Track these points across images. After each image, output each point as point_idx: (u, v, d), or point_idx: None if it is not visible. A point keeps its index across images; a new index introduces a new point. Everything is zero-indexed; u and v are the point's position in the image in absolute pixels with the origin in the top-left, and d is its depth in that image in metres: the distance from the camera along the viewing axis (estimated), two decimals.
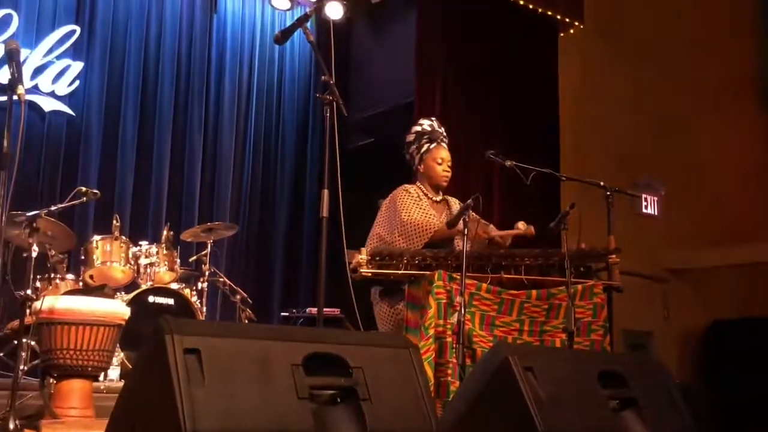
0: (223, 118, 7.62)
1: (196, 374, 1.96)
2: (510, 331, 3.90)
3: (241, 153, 7.71)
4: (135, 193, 7.04)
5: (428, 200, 4.31)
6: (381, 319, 4.13)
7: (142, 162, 7.12)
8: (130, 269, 5.58)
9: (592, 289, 4.01)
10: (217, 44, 7.69)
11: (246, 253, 7.59)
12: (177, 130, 7.35)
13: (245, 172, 7.72)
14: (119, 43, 7.13)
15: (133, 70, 7.16)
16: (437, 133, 4.36)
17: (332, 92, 3.45)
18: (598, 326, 3.98)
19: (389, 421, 2.21)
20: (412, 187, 4.32)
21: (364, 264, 3.85)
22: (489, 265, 3.97)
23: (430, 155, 4.32)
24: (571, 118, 8.12)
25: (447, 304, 3.75)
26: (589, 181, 4.43)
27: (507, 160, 4.35)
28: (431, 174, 4.33)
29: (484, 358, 2.82)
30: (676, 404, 2.96)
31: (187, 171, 7.35)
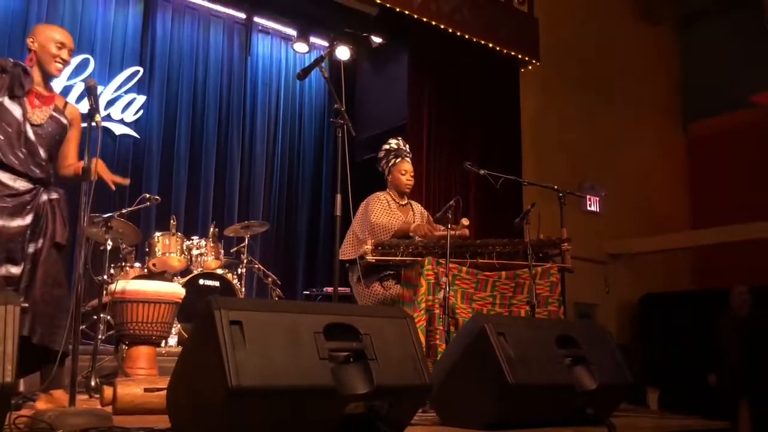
0: (256, 138, 7.60)
1: (239, 341, 1.96)
2: (485, 304, 3.90)
3: (270, 166, 7.69)
4: (188, 199, 7.01)
5: (395, 204, 4.29)
6: (359, 297, 4.12)
7: (193, 174, 7.10)
8: (184, 258, 5.56)
9: (549, 271, 4.02)
10: (251, 81, 7.65)
11: (275, 244, 7.57)
12: (220, 148, 7.33)
13: (274, 181, 7.69)
14: (174, 80, 7.11)
15: (185, 102, 7.14)
16: (401, 150, 4.32)
17: (343, 117, 3.44)
18: (554, 300, 3.99)
19: (391, 376, 2.21)
20: (382, 194, 4.29)
21: (370, 252, 3.85)
22: (468, 252, 3.99)
23: (396, 168, 4.28)
24: (531, 135, 8.11)
25: (435, 283, 3.76)
26: (545, 185, 4.42)
27: (481, 169, 4.36)
28: (397, 183, 4.29)
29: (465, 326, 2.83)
30: (618, 361, 2.97)
31: (228, 181, 7.33)
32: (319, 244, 7.91)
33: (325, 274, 7.63)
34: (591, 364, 2.77)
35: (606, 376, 2.79)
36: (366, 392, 2.11)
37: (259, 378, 1.92)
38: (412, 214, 4.34)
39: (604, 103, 9.13)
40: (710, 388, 6.03)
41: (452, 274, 3.78)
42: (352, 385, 2.11)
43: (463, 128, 7.38)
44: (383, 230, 4.02)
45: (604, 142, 9.08)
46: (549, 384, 2.61)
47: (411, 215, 4.32)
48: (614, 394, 2.90)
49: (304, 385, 2.00)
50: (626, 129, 9.44)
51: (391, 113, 7.66)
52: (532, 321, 3.29)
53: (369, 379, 2.14)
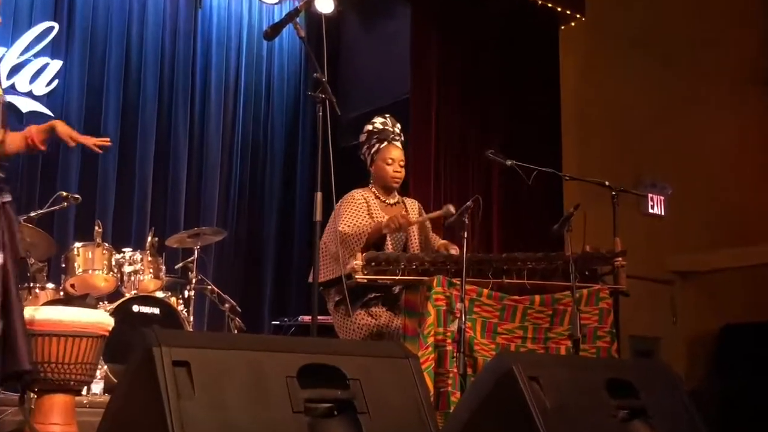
0: (209, 117, 7.60)
1: (186, 388, 1.95)
2: (513, 338, 3.91)
3: (228, 154, 7.70)
4: (117, 198, 7.02)
5: (380, 203, 4.30)
6: (341, 331, 4.13)
7: (124, 165, 7.10)
8: (113, 277, 5.55)
9: (598, 294, 4.03)
10: (203, 41, 7.67)
11: (234, 259, 7.58)
12: (161, 131, 7.33)
13: (233, 174, 7.70)
14: (100, 40, 7.11)
15: (114, 69, 7.14)
16: (387, 132, 4.32)
17: (325, 90, 3.45)
18: (604, 332, 4.00)
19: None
20: (359, 193, 4.29)
21: (360, 270, 3.85)
22: (490, 270, 3.99)
23: (379, 155, 4.30)
24: (573, 114, 8.12)
25: (446, 310, 3.76)
26: (593, 180, 4.44)
27: (507, 160, 4.37)
28: (381, 175, 4.31)
29: (487, 368, 2.82)
30: (688, 412, 2.96)
31: (172, 174, 7.33)
32: (292, 259, 7.91)
33: (301, 298, 7.63)
34: (653, 417, 2.78)
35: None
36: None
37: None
38: (406, 216, 4.34)
39: (669, 71, 9.15)
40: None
41: (470, 299, 3.79)
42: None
43: (483, 105, 7.40)
44: (355, 240, 3.97)
45: (669, 124, 9.10)
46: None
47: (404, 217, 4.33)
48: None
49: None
50: (699, 106, 9.45)
51: (389, 85, 7.68)
52: (576, 361, 3.29)
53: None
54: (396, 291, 4.13)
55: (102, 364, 5.08)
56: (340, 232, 4.03)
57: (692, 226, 9.14)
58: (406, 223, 4.00)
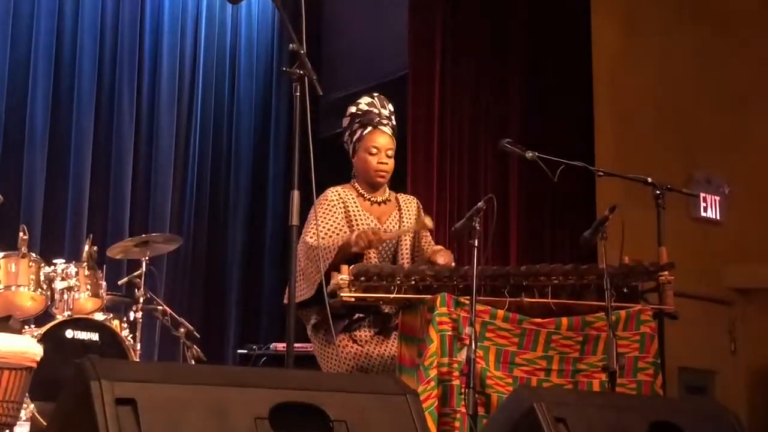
0: (160, 101, 7.61)
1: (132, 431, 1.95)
2: (535, 370, 3.92)
3: (183, 145, 7.70)
4: (47, 199, 7.02)
5: (364, 202, 4.32)
6: (322, 361, 4.18)
7: (56, 159, 7.10)
8: (41, 295, 5.55)
9: (639, 316, 4.03)
10: (152, 9, 7.69)
11: (192, 273, 7.58)
12: (101, 117, 7.33)
13: (189, 168, 7.71)
14: (25, 12, 7.10)
15: (43, 44, 7.14)
16: (373, 114, 4.33)
17: (303, 65, 3.45)
18: (647, 363, 4.00)
19: None
20: (334, 192, 4.31)
21: (346, 286, 3.85)
22: (507, 286, 3.99)
23: (362, 144, 4.31)
24: (609, 96, 8.13)
25: (453, 336, 3.76)
26: (633, 176, 4.45)
27: (527, 151, 4.38)
28: (363, 167, 4.32)
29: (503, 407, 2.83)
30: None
31: (115, 169, 7.33)
32: (262, 272, 7.91)
33: (274, 321, 7.63)
34: None
35: None
36: None
37: None
38: (398, 217, 4.38)
39: (729, 45, 9.17)
40: None
41: (482, 322, 3.79)
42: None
43: (498, 85, 7.41)
44: (322, 255, 3.95)
45: (729, 107, 9.11)
46: None
47: (395, 218, 4.37)
48: None
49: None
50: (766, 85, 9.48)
51: (382, 59, 7.70)
52: (612, 399, 3.30)
53: None
54: (386, 310, 4.13)
55: (28, 403, 5.08)
56: (305, 243, 4.06)
57: (756, 233, 9.15)
58: (377, 240, 4.00)
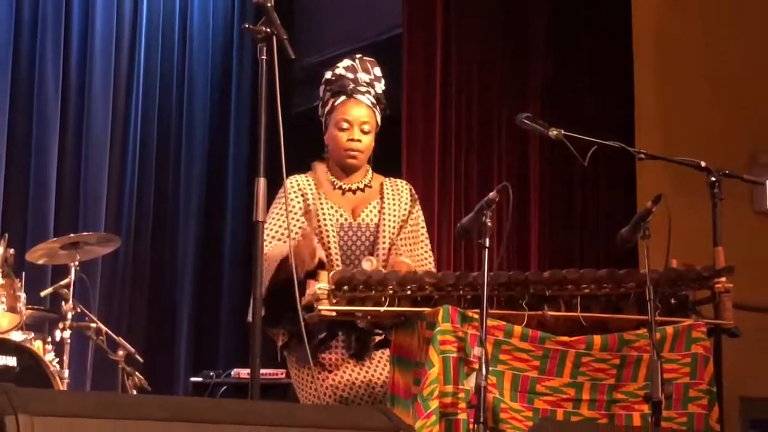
0: (93, 69, 7.63)
1: None
2: (561, 401, 3.94)
3: (122, 122, 7.72)
4: None
5: (334, 191, 4.36)
6: (298, 389, 4.24)
7: None
8: None
9: (690, 333, 4.04)
10: None
11: (133, 281, 7.60)
12: (19, 90, 7.35)
13: (129, 152, 7.72)
14: None
15: None
16: (347, 81, 4.36)
17: (270, 21, 3.45)
18: (699, 392, 4.02)
19: None
20: (295, 180, 4.31)
21: (326, 297, 3.86)
22: (526, 297, 4.01)
23: (332, 117, 4.36)
24: (652, 65, 8.17)
25: (459, 359, 3.78)
26: (682, 160, 4.47)
27: (551, 129, 4.40)
28: (332, 146, 4.38)
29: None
30: None
31: (36, 155, 7.34)
32: (221, 282, 7.93)
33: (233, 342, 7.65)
34: None
35: None
36: None
37: None
38: (378, 207, 4.41)
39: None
40: None
41: (495, 341, 3.81)
42: None
43: (517, 47, 7.44)
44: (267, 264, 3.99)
45: None
46: None
47: (373, 209, 4.40)
48: None
49: None
50: None
51: (370, 15, 7.72)
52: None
53: None
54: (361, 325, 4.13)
55: None
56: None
57: None
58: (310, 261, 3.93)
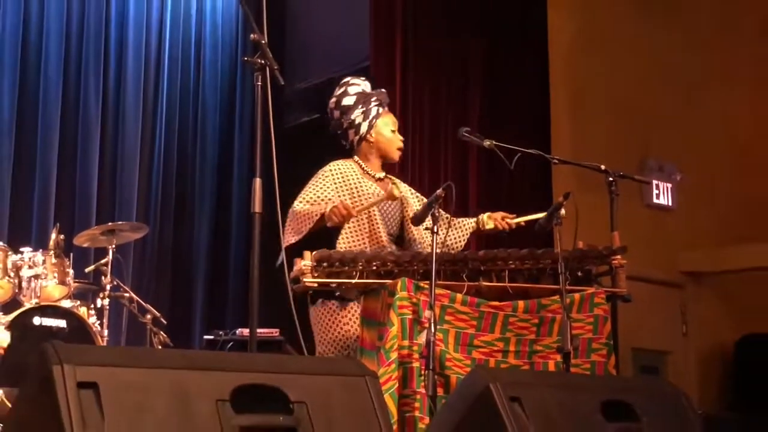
0: (126, 91, 7.54)
1: (94, 414, 1.94)
2: (492, 352, 3.92)
3: (149, 134, 7.64)
4: (15, 188, 6.94)
5: (369, 178, 4.38)
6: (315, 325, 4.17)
7: (23, 149, 7.03)
8: (9, 283, 5.50)
9: (593, 299, 4.05)
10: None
11: (158, 261, 7.54)
12: (67, 107, 7.26)
13: (155, 158, 7.65)
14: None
15: (10, 34, 7.05)
16: (384, 95, 4.47)
17: (264, 54, 3.44)
18: (600, 344, 4.02)
19: None
20: (336, 164, 4.36)
21: (309, 272, 3.85)
22: (465, 271, 4.01)
23: (383, 121, 4.40)
24: (564, 85, 8.16)
25: (413, 320, 3.76)
26: (587, 164, 4.47)
27: (485, 140, 4.39)
28: (386, 146, 4.41)
29: (460, 387, 2.83)
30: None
31: (81, 159, 7.27)
32: (229, 260, 7.89)
33: (238, 307, 7.61)
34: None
35: None
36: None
37: None
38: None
39: (681, 36, 9.23)
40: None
41: (441, 306, 3.79)
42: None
43: (459, 72, 7.42)
44: (301, 221, 4.06)
45: (681, 96, 9.18)
46: None
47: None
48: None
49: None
50: (717, 74, 9.53)
51: (344, 49, 7.68)
52: (565, 379, 3.32)
53: None
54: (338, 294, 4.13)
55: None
56: (293, 211, 4.12)
57: (707, 219, 9.23)
58: (348, 214, 4.02)
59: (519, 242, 4.34)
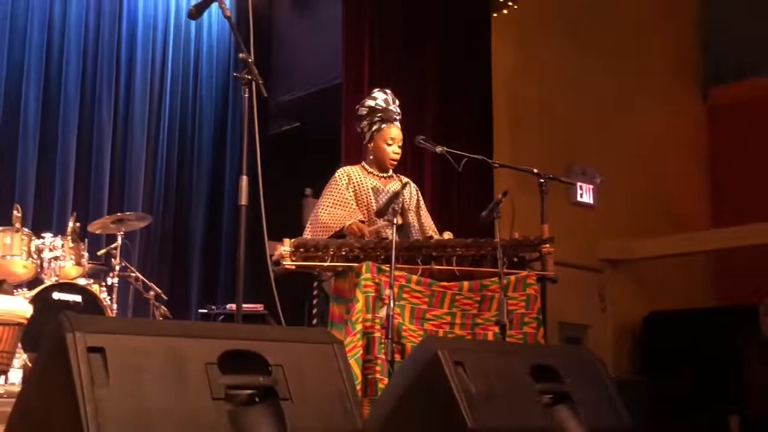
0: (134, 100, 7.46)
1: (101, 375, 1.91)
2: (441, 324, 3.93)
3: (154, 137, 7.56)
4: (38, 182, 6.85)
5: (374, 178, 4.35)
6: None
7: (44, 149, 6.93)
8: (32, 263, 5.43)
9: (525, 280, 4.06)
10: (128, 20, 7.52)
11: (160, 246, 7.47)
12: (84, 113, 7.17)
13: (159, 157, 7.58)
14: (19, 18, 6.90)
15: (35, 48, 6.95)
16: (390, 112, 4.37)
17: (251, 71, 3.41)
18: (531, 318, 4.04)
19: (311, 420, 2.20)
20: (347, 171, 4.35)
21: (288, 256, 3.83)
22: (419, 257, 4.01)
23: (380, 135, 4.34)
24: (505, 101, 8.18)
25: (375, 297, 3.76)
26: (522, 167, 4.48)
27: (438, 146, 4.38)
28: (379, 155, 4.37)
29: (413, 353, 2.83)
30: (612, 399, 3.02)
31: (95, 157, 7.18)
32: (221, 245, 7.84)
33: (228, 285, 7.56)
34: (576, 402, 2.82)
35: (596, 419, 2.83)
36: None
37: (128, 425, 1.88)
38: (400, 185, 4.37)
39: (600, 62, 9.28)
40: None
41: (399, 285, 3.79)
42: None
43: (416, 90, 7.41)
44: (323, 230, 4.09)
45: (600, 113, 9.24)
46: (520, 429, 2.64)
47: (398, 185, 4.35)
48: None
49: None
50: (629, 96, 9.62)
51: (321, 70, 7.65)
52: (502, 346, 3.32)
53: (280, 426, 2.12)
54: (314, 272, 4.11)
55: (20, 353, 4.98)
56: (317, 217, 4.16)
57: (621, 215, 9.31)
58: (362, 235, 4.03)
59: (466, 233, 4.34)
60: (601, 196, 9.25)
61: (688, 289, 9.71)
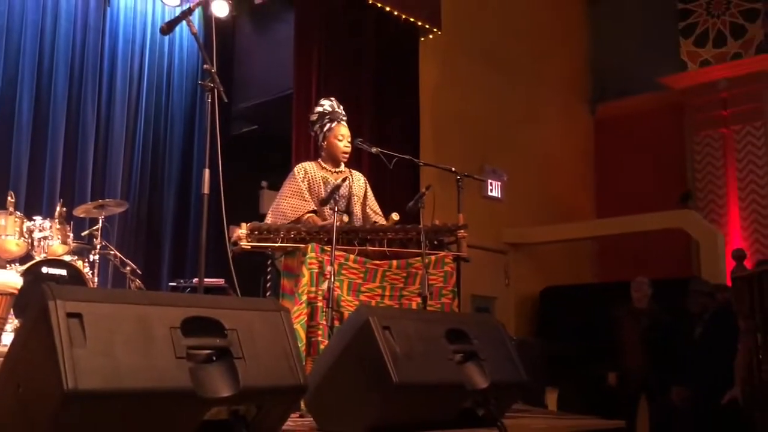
0: (115, 102, 7.27)
1: (78, 336, 1.88)
2: (373, 296, 3.92)
3: (131, 135, 7.39)
4: (30, 172, 6.63)
5: (328, 173, 4.31)
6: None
7: (36, 143, 6.71)
8: (24, 242, 5.28)
9: (444, 260, 4.08)
10: (110, 36, 7.31)
11: (136, 228, 7.30)
12: (71, 113, 6.96)
13: (135, 152, 7.40)
14: (15, 31, 6.66)
15: (29, 57, 6.71)
16: (337, 113, 4.37)
17: (213, 79, 3.36)
18: (448, 291, 4.05)
19: (260, 376, 2.18)
20: (304, 166, 4.31)
21: (244, 238, 3.79)
22: (356, 239, 3.99)
23: (332, 133, 4.32)
24: (430, 111, 8.22)
25: (319, 273, 3.74)
26: (442, 166, 4.50)
27: (373, 147, 4.37)
28: (333, 151, 4.34)
29: (349, 320, 2.83)
30: (512, 357, 3.06)
31: (81, 151, 6.98)
32: (188, 228, 7.71)
33: (195, 262, 7.44)
34: (483, 360, 2.85)
35: (499, 374, 2.87)
36: (230, 395, 2.08)
37: (102, 380, 1.85)
38: (350, 184, 4.37)
39: (508, 80, 9.39)
40: (611, 387, 6.35)
41: (338, 263, 3.78)
42: (213, 387, 2.06)
43: (356, 100, 7.38)
44: (281, 217, 4.07)
45: (507, 123, 9.34)
46: (437, 382, 2.66)
47: (348, 185, 4.36)
48: (507, 392, 3.00)
49: (157, 387, 1.94)
50: (531, 109, 9.76)
51: (275, 80, 7.57)
52: (422, 314, 3.34)
53: (234, 381, 2.10)
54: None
55: (12, 319, 4.85)
56: (277, 205, 4.11)
57: (523, 207, 9.46)
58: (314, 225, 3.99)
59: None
60: (507, 191, 9.36)
61: (576, 269, 9.92)
